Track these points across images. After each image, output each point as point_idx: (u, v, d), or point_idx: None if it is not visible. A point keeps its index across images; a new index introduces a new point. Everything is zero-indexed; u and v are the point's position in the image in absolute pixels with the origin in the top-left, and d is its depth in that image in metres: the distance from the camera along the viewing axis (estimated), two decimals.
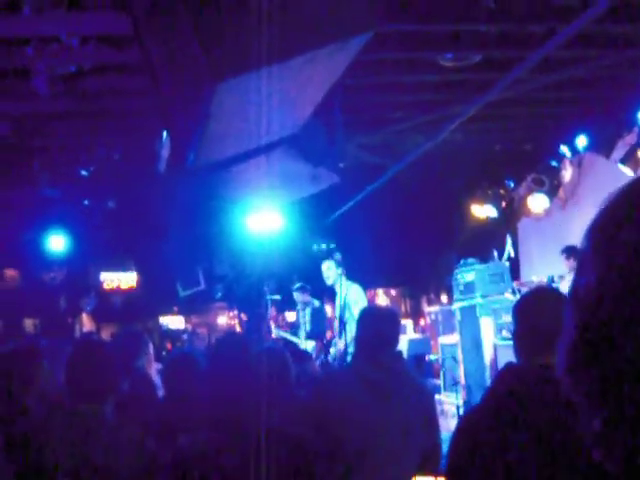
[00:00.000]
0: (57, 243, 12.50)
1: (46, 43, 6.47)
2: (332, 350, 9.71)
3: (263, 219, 11.64)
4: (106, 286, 15.46)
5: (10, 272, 13.26)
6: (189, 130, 4.23)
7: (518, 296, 8.94)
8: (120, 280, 15.65)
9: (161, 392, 5.20)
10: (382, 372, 4.15)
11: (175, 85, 4.10)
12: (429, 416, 4.35)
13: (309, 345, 10.63)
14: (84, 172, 10.23)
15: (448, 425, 8.89)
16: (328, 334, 10.90)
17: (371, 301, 14.38)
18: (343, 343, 8.90)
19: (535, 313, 2.86)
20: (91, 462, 2.99)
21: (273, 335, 11.33)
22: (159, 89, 4.38)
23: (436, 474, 5.21)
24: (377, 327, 4.27)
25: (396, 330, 4.37)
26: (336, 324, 9.48)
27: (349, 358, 8.05)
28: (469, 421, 2.90)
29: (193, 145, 4.42)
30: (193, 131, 4.21)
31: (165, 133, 7.58)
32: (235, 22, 3.59)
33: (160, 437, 3.31)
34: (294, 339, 11.08)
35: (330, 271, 9.64)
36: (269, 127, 4.56)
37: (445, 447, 3.20)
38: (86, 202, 11.91)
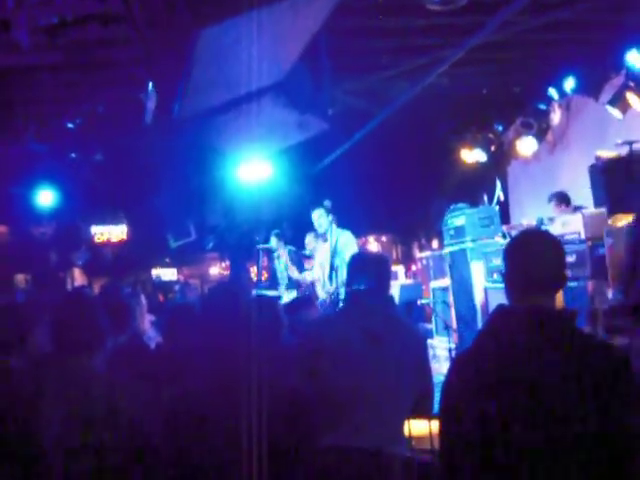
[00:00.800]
0: (45, 197, 12.46)
1: None
2: (324, 296, 9.69)
3: (253, 169, 11.61)
4: (97, 239, 15.43)
5: None
6: (173, 79, 4.19)
7: (508, 239, 8.97)
8: (110, 233, 15.62)
9: (153, 343, 5.23)
10: (373, 317, 4.16)
11: (157, 33, 4.05)
12: (421, 360, 4.37)
13: (291, 296, 10.53)
14: (70, 125, 10.15)
15: (440, 368, 8.98)
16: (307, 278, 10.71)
17: (362, 248, 14.39)
18: (334, 288, 8.93)
19: (524, 255, 2.87)
20: (82, 414, 3.01)
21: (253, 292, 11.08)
22: (142, 38, 4.33)
23: (429, 416, 5.28)
24: (366, 271, 4.28)
25: (385, 275, 4.38)
26: (325, 270, 9.45)
27: (340, 304, 8.08)
28: (461, 363, 2.94)
29: (178, 95, 4.39)
30: (177, 80, 4.18)
31: (150, 84, 7.52)
32: None
33: (152, 388, 3.33)
34: (275, 293, 10.95)
35: (322, 219, 9.51)
36: (254, 74, 4.53)
37: (438, 390, 3.23)
38: (73, 155, 11.83)
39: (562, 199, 9.65)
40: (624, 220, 7.06)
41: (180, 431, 3.01)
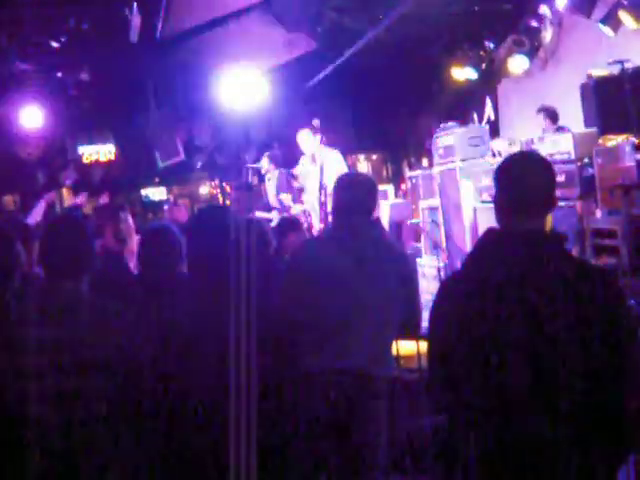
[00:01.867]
0: (31, 118, 12.29)
1: None
2: (314, 219, 9.63)
3: (242, 87, 11.46)
4: (85, 159, 15.31)
5: None
6: None
7: (498, 159, 8.94)
8: (99, 153, 15.48)
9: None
10: (359, 238, 4.16)
11: None
12: (408, 281, 4.40)
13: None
14: (55, 44, 9.96)
15: (429, 287, 9.05)
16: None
17: (352, 167, 14.33)
18: (323, 209, 8.85)
19: (515, 178, 2.86)
20: (69, 337, 3.02)
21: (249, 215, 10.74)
22: None
23: (417, 337, 5.33)
24: (353, 193, 4.26)
25: (372, 197, 4.36)
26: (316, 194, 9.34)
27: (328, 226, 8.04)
28: (450, 287, 2.96)
29: (161, 14, 4.30)
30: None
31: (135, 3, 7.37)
32: None
33: (140, 310, 3.34)
34: (268, 215, 10.76)
35: (308, 141, 9.15)
36: None
37: (426, 310, 3.25)
38: (59, 75, 11.64)
39: (548, 114, 9.65)
40: (614, 140, 7.03)
41: (167, 355, 3.03)
